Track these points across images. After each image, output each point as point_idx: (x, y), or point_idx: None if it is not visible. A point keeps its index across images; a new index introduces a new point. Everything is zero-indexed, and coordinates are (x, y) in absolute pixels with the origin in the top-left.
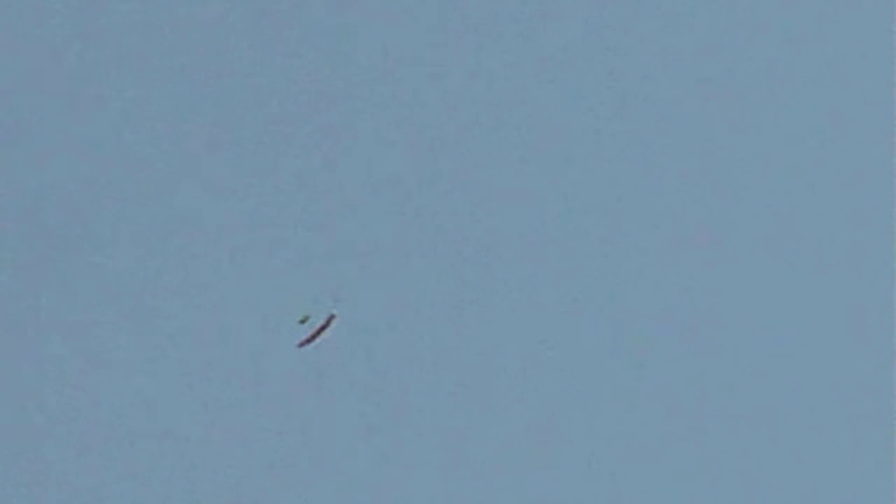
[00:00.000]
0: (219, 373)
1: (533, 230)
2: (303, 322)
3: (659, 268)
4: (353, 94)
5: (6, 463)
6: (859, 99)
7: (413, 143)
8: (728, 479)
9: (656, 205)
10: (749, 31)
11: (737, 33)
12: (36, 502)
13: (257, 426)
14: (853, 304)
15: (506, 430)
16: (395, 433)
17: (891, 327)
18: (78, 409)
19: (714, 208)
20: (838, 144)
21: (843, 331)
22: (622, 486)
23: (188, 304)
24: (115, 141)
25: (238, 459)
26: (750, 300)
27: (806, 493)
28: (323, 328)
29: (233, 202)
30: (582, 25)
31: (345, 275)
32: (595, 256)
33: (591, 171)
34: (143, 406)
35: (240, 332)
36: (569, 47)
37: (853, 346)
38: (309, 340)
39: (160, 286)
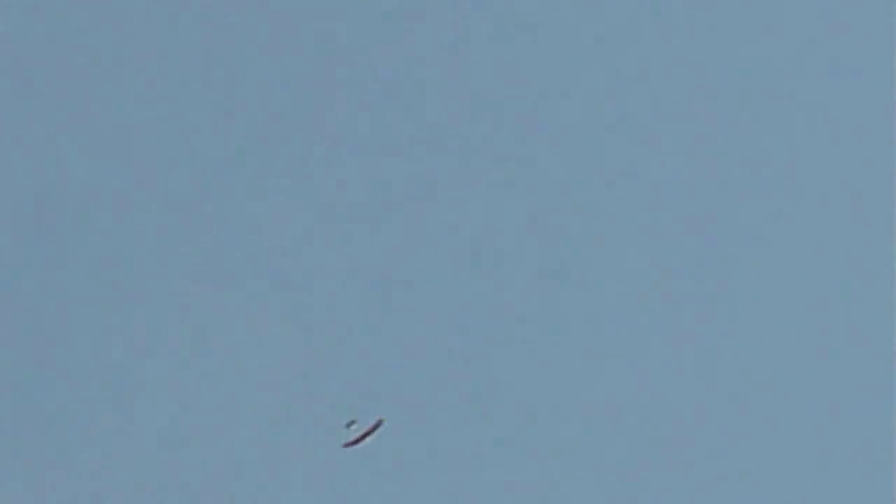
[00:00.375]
0: (262, 471)
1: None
2: (349, 426)
3: (658, 267)
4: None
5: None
6: (859, 99)
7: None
8: (731, 480)
9: (656, 203)
10: (749, 30)
11: (736, 32)
12: None
13: None
14: (853, 304)
15: None
16: None
17: (891, 327)
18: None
19: (714, 208)
20: (838, 144)
21: (843, 331)
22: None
23: (234, 403)
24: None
25: None
26: (750, 300)
27: (806, 494)
28: (370, 432)
29: (282, 303)
30: (581, 26)
31: (394, 382)
32: (594, 256)
33: (590, 175)
34: None
35: (285, 431)
36: (568, 47)
37: (853, 347)
38: (355, 442)
39: (202, 389)
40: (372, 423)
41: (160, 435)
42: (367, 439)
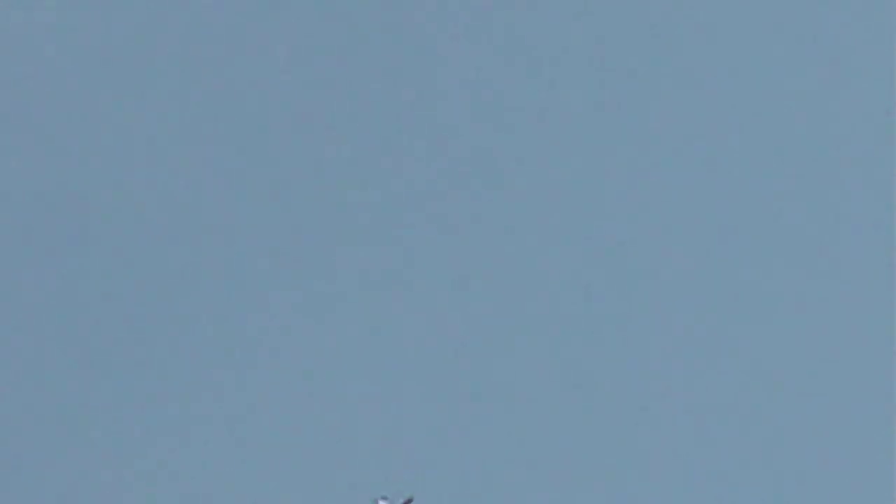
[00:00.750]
0: None
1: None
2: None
3: (659, 266)
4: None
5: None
6: (859, 100)
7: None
8: (734, 481)
9: (656, 203)
10: (748, 31)
11: (736, 33)
12: None
13: None
14: (853, 305)
15: None
16: None
17: (891, 327)
18: None
19: (715, 209)
20: (838, 145)
21: (844, 332)
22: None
23: (265, 479)
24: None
25: None
26: (751, 301)
27: (806, 494)
28: None
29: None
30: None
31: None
32: (594, 257)
33: (589, 176)
34: None
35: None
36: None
37: (853, 347)
38: None
39: (228, 467)
40: (403, 499)
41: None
42: None
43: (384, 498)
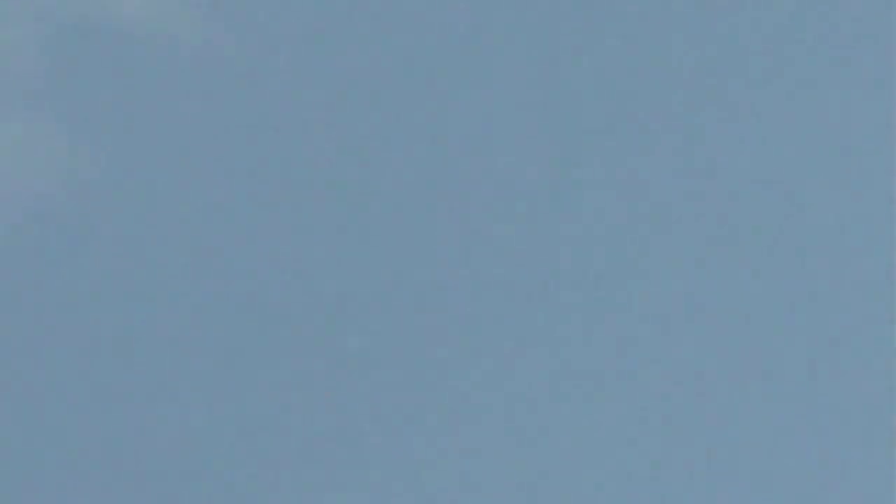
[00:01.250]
0: None
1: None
2: None
3: (659, 266)
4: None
5: None
6: (859, 100)
7: None
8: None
9: (655, 203)
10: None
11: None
12: None
13: None
14: (854, 306)
15: None
16: None
17: (891, 327)
18: None
19: (715, 210)
20: (838, 146)
21: (844, 333)
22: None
23: None
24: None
25: None
26: (751, 302)
27: (806, 494)
28: None
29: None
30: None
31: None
32: (594, 256)
33: (589, 174)
34: None
35: None
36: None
37: (854, 348)
38: None
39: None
40: None
41: None
42: None
43: None
